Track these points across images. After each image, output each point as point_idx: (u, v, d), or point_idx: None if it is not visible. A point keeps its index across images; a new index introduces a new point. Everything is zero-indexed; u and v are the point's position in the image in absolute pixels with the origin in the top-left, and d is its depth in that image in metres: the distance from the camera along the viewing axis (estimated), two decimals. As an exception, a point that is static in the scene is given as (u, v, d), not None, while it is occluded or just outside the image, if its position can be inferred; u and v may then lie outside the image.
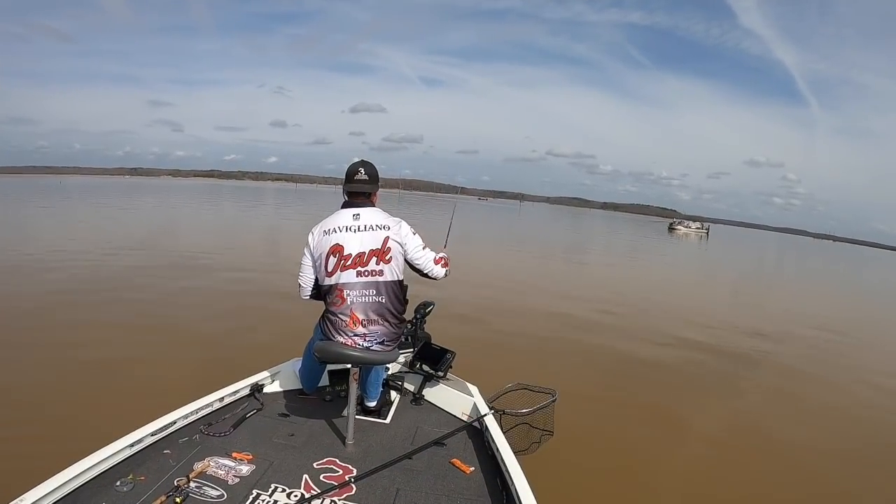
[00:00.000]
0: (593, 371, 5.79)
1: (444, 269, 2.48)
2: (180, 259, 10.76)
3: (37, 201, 27.45)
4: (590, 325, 7.95)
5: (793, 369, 6.87)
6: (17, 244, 11.38)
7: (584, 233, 39.43)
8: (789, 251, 53.51)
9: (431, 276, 2.47)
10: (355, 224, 2.30)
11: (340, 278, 2.27)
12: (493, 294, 9.31)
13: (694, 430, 4.53)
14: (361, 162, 2.42)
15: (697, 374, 6.14)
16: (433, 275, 2.46)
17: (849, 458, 4.25)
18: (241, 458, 2.02)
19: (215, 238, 15.77)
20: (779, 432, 4.61)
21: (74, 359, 4.66)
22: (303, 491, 1.85)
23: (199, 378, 3.74)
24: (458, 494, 1.93)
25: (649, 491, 3.42)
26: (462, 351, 2.97)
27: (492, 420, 2.39)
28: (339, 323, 2.28)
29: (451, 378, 2.87)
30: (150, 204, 31.00)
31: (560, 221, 58.61)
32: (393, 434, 2.41)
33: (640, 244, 31.70)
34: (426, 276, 2.47)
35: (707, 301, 12.02)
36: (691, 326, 8.65)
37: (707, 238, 48.53)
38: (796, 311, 12.26)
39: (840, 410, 5.41)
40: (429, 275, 2.46)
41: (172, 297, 7.35)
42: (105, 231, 15.63)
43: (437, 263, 2.45)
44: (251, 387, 2.64)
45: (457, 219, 3.30)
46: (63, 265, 9.08)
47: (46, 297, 6.90)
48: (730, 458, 4.00)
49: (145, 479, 1.81)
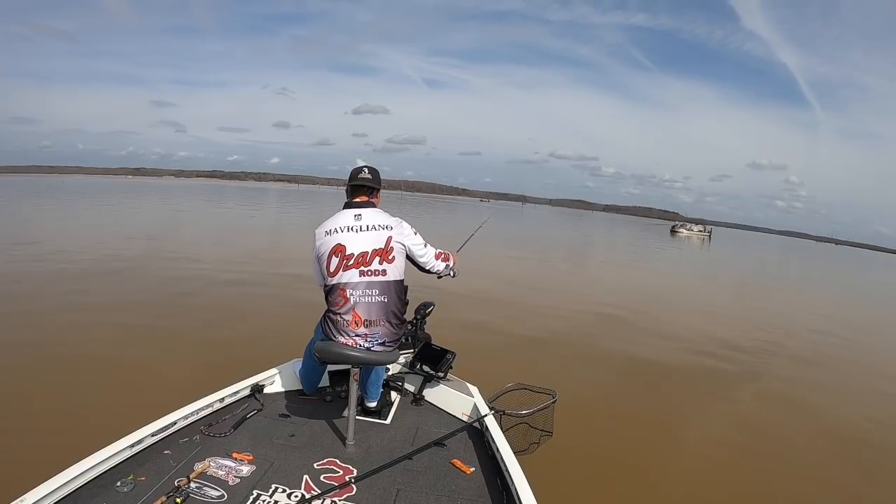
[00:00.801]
0: (594, 372, 5.78)
1: (444, 263, 2.57)
2: (180, 258, 10.78)
3: (35, 200, 27.48)
4: (590, 326, 7.95)
5: (796, 371, 6.85)
6: (16, 243, 11.40)
7: (585, 235, 39.38)
8: (792, 254, 53.36)
9: (433, 271, 2.57)
10: (357, 224, 2.31)
11: (343, 278, 2.28)
12: (494, 294, 9.30)
13: (695, 431, 4.52)
14: (364, 165, 2.48)
15: (700, 376, 6.13)
16: (434, 269, 2.56)
17: (852, 460, 4.24)
18: (241, 458, 2.03)
19: (215, 237, 15.79)
20: (781, 434, 4.59)
21: (74, 359, 4.67)
22: (303, 491, 1.85)
23: (200, 378, 3.75)
24: (459, 495, 1.93)
25: (649, 491, 3.41)
26: (462, 351, 2.97)
27: (492, 420, 2.40)
28: (340, 323, 2.29)
29: (451, 378, 2.87)
30: (151, 204, 31.01)
31: (561, 223, 58.59)
32: (393, 434, 2.41)
33: (641, 247, 31.64)
34: (428, 271, 2.56)
35: (710, 304, 11.98)
36: (694, 329, 8.65)
37: (709, 241, 48.41)
38: (800, 313, 12.24)
39: (844, 412, 5.40)
40: (430, 270, 2.56)
41: (173, 297, 7.35)
42: (104, 230, 15.65)
43: (439, 258, 2.55)
44: (251, 387, 2.65)
45: (457, 218, 3.33)
46: (62, 264, 9.09)
47: (45, 296, 6.91)
48: (731, 460, 3.99)
49: (146, 479, 1.81)
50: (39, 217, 19.29)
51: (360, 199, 2.42)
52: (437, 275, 2.63)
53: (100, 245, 11.84)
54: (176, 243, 13.26)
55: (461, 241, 3.27)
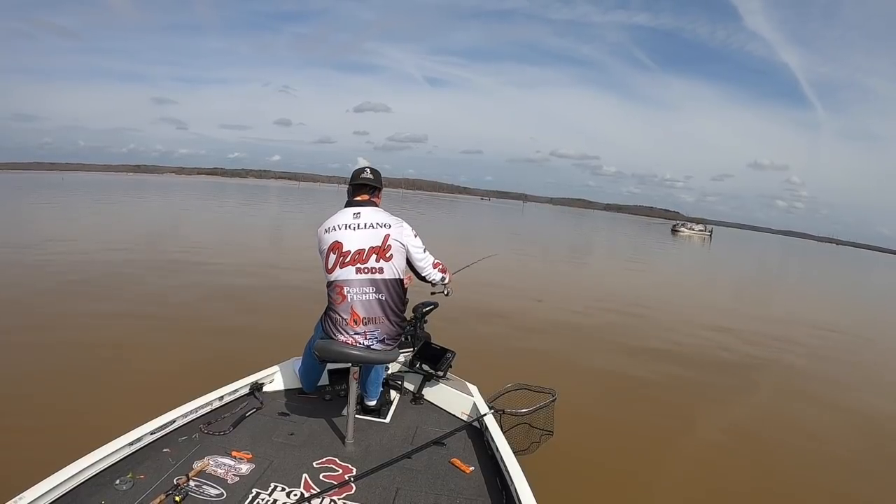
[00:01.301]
0: (594, 371, 5.77)
1: (440, 274, 2.54)
2: (180, 256, 10.77)
3: (32, 198, 27.44)
4: (591, 326, 7.93)
5: (799, 372, 6.83)
6: (15, 241, 11.40)
7: (586, 235, 39.34)
8: (793, 254, 53.32)
9: (429, 279, 2.54)
10: (355, 222, 2.31)
11: (340, 275, 2.28)
12: (494, 294, 9.28)
13: (696, 431, 4.51)
14: (366, 165, 2.49)
15: (701, 376, 6.11)
16: (430, 278, 2.53)
17: (856, 463, 4.23)
18: (240, 456, 2.02)
19: (214, 235, 15.76)
20: (782, 436, 4.58)
21: (73, 357, 4.67)
22: (302, 490, 1.85)
23: (199, 377, 3.74)
24: (458, 494, 1.92)
25: (650, 491, 3.41)
26: (462, 350, 2.97)
27: (492, 420, 2.39)
28: (339, 321, 2.29)
29: (450, 378, 2.87)
30: (149, 202, 30.97)
31: (562, 223, 58.54)
32: (393, 433, 2.41)
33: (642, 247, 31.62)
34: (423, 278, 2.53)
35: (712, 304, 11.97)
36: (695, 329, 8.63)
37: (710, 241, 48.37)
38: (803, 314, 12.20)
39: (848, 415, 5.38)
40: (426, 278, 2.52)
41: (172, 296, 7.35)
42: (104, 229, 15.64)
43: (436, 268, 2.51)
44: (251, 386, 2.64)
45: (456, 218, 3.34)
46: (61, 262, 9.07)
47: (44, 294, 6.90)
48: (731, 461, 3.97)
49: (145, 477, 1.81)
50: (38, 215, 19.26)
51: (360, 198, 2.42)
52: (431, 284, 2.61)
53: (99, 243, 11.86)
54: (175, 241, 13.23)
55: (461, 240, 3.24)
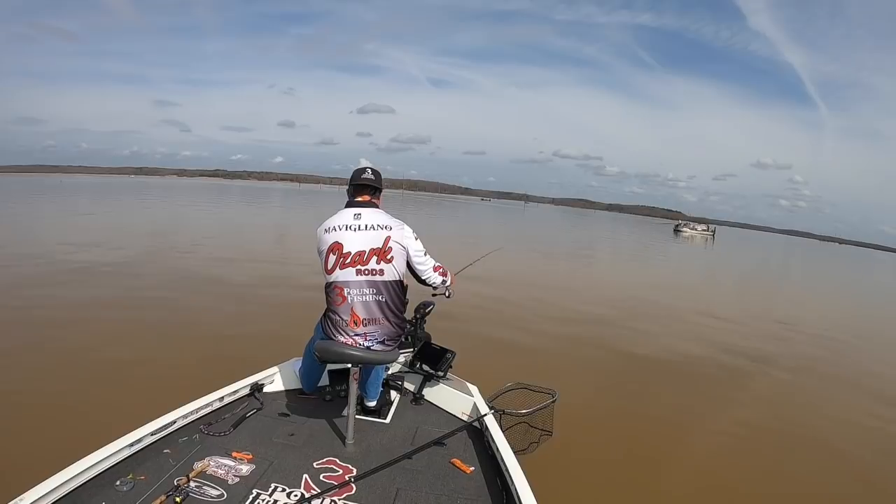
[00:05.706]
0: (595, 371, 5.76)
1: (441, 277, 2.53)
2: (179, 257, 10.80)
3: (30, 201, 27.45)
4: (592, 326, 7.92)
5: (799, 372, 6.81)
6: (15, 242, 11.43)
7: (587, 235, 39.29)
8: (796, 254, 53.19)
9: (429, 282, 2.53)
10: (356, 223, 2.31)
11: (339, 276, 2.28)
12: (494, 294, 9.28)
13: (696, 432, 4.50)
14: (367, 166, 2.48)
15: (701, 376, 6.10)
16: (430, 281, 2.52)
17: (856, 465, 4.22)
18: (240, 457, 2.03)
19: (214, 235, 15.79)
20: (783, 436, 4.58)
21: (73, 358, 4.68)
22: (303, 490, 1.85)
23: (199, 377, 3.74)
24: (459, 494, 1.92)
25: (650, 491, 3.40)
26: (462, 351, 2.97)
27: (492, 420, 2.39)
28: (339, 322, 2.29)
29: (451, 378, 2.87)
30: (147, 203, 30.96)
31: (562, 222, 58.47)
32: (393, 434, 2.41)
33: (644, 246, 31.56)
34: (422, 282, 2.53)
35: (712, 304, 11.93)
36: (696, 329, 8.62)
37: (713, 240, 48.27)
38: (805, 313, 12.18)
39: (849, 416, 5.37)
40: (426, 281, 2.52)
41: (172, 296, 7.35)
42: (103, 229, 15.67)
43: (436, 271, 2.50)
44: (251, 386, 2.65)
45: (457, 218, 3.34)
46: (60, 263, 9.09)
47: (44, 295, 6.91)
48: (731, 461, 3.97)
49: (145, 478, 1.81)
50: (35, 217, 19.29)
51: (361, 198, 2.42)
52: (431, 287, 2.59)
53: (98, 243, 11.86)
54: (175, 241, 13.26)
55: (460, 242, 3.24)
